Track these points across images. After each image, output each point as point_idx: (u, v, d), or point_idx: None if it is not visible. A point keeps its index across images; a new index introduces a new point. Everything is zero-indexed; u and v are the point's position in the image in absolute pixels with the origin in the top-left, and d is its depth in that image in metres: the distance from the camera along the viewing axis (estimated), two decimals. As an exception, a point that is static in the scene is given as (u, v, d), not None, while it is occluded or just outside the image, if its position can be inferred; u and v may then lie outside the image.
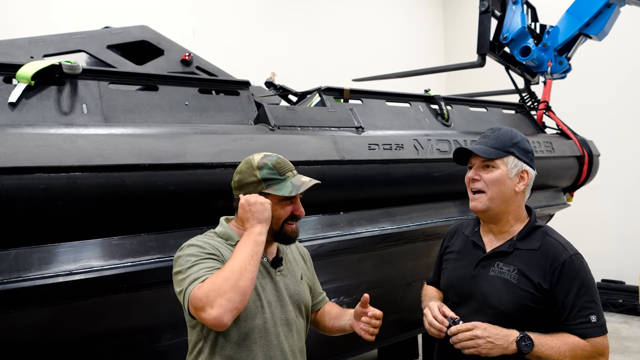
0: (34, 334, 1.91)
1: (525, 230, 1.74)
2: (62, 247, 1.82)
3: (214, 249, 1.58)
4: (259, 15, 6.45)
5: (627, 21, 4.82)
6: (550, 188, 3.93)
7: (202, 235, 1.68)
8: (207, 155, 2.06)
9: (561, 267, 1.63)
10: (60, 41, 3.06)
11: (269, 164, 1.66)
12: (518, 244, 1.72)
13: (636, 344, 5.50)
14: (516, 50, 4.10)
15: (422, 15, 9.08)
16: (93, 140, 1.84)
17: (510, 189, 1.73)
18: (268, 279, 1.68)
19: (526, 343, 1.57)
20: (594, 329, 1.60)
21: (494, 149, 1.74)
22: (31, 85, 1.93)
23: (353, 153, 2.53)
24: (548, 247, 1.69)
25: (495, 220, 1.77)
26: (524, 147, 1.77)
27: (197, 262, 1.52)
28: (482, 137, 1.82)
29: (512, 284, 1.66)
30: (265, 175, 1.65)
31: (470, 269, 1.78)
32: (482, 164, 1.75)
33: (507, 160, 1.73)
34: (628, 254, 6.96)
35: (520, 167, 1.74)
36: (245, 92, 2.57)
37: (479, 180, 1.75)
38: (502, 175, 1.72)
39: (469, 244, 1.84)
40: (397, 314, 3.32)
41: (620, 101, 7.13)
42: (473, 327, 1.61)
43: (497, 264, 1.72)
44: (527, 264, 1.68)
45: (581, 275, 1.63)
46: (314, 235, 2.45)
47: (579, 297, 1.61)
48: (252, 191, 1.65)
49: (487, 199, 1.73)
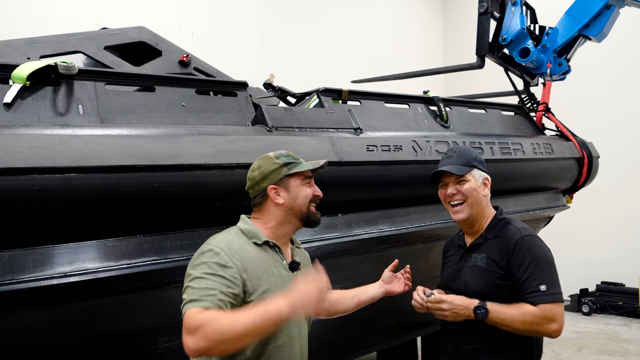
0: (28, 336, 1.89)
1: (492, 224, 2.07)
2: (57, 249, 1.81)
3: (232, 259, 1.57)
4: (258, 17, 6.45)
5: (625, 22, 4.81)
6: (549, 190, 3.91)
7: (227, 233, 1.70)
8: (203, 156, 2.05)
9: (514, 246, 1.93)
10: (58, 42, 3.05)
11: (283, 153, 1.80)
12: (487, 235, 2.05)
13: (636, 346, 5.49)
14: (515, 51, 4.09)
15: (421, 16, 9.08)
16: (88, 141, 1.83)
17: (481, 195, 2.06)
18: (287, 282, 1.69)
19: (481, 311, 1.87)
20: (542, 297, 1.85)
21: (463, 166, 2.06)
22: (26, 85, 1.91)
23: (351, 154, 2.52)
24: (507, 232, 2.00)
25: (473, 224, 2.08)
26: (480, 159, 2.12)
27: (207, 276, 1.52)
28: (446, 158, 2.12)
29: (483, 268, 1.98)
30: (284, 160, 1.77)
31: (457, 264, 2.11)
32: (456, 180, 2.06)
33: (473, 173, 2.06)
34: (628, 256, 6.95)
35: (483, 176, 2.08)
36: (242, 93, 2.56)
37: (456, 194, 2.05)
38: (473, 184, 2.05)
39: (457, 247, 2.18)
40: (396, 317, 3.30)
41: (620, 103, 7.13)
42: (440, 300, 1.95)
43: (473, 255, 2.05)
44: (493, 250, 1.99)
45: (531, 252, 1.91)
46: (311, 237, 2.44)
47: (529, 270, 1.88)
48: (277, 177, 1.74)
49: (468, 206, 2.04)
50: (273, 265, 1.69)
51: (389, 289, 2.09)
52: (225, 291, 1.51)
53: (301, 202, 1.76)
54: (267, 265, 1.67)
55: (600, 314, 6.81)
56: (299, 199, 1.76)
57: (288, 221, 1.77)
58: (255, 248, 1.68)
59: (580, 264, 7.09)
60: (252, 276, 1.61)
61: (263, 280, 1.62)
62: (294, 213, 1.76)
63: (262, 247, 1.70)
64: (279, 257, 1.74)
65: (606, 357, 5.13)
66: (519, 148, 3.45)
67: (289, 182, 1.76)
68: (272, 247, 1.73)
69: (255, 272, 1.62)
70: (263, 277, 1.63)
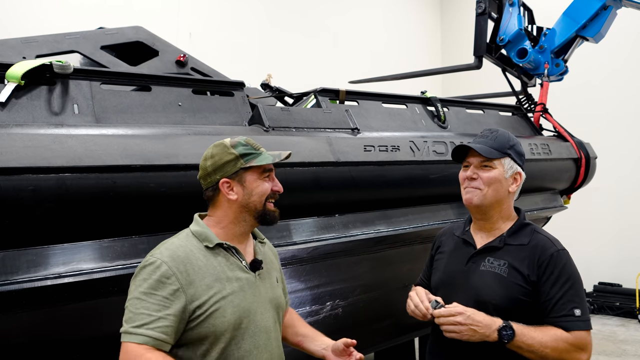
0: (22, 338, 1.87)
1: (515, 227, 1.80)
2: (51, 249, 1.79)
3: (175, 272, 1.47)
4: (256, 17, 6.44)
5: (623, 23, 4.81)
6: (547, 190, 3.91)
7: (176, 238, 1.60)
8: (200, 156, 2.01)
9: (548, 260, 1.68)
10: (54, 41, 3.03)
11: (241, 142, 1.64)
12: (508, 240, 1.77)
13: (633, 347, 5.49)
14: (513, 52, 4.09)
15: (418, 17, 9.09)
16: (83, 140, 1.81)
17: (504, 189, 1.79)
18: (247, 285, 1.59)
19: (507, 332, 1.59)
20: (577, 323, 1.62)
21: (494, 149, 1.79)
22: (21, 85, 1.90)
23: (348, 154, 2.51)
24: (537, 242, 1.74)
25: (486, 217, 1.82)
26: (519, 150, 1.84)
27: (144, 297, 1.44)
28: (479, 136, 1.86)
29: (503, 277, 1.70)
30: (241, 150, 1.61)
31: (461, 266, 1.82)
32: (480, 164, 1.79)
33: (504, 162, 1.79)
34: (625, 256, 6.96)
35: (515, 169, 1.81)
36: (239, 93, 2.55)
37: (476, 179, 1.79)
38: (499, 174, 1.78)
39: (460, 243, 1.89)
40: (393, 318, 3.29)
41: (618, 104, 7.14)
42: (457, 313, 1.63)
43: (488, 259, 1.76)
44: (516, 258, 1.72)
45: (567, 270, 1.68)
46: (308, 237, 2.43)
47: (564, 290, 1.65)
48: (231, 170, 1.60)
49: (482, 195, 1.77)
50: (228, 269, 1.57)
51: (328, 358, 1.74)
52: (163, 314, 1.43)
53: (256, 198, 1.61)
54: (220, 271, 1.55)
55: (597, 315, 6.81)
56: (254, 195, 1.60)
57: (242, 219, 1.63)
58: (206, 253, 1.56)
59: (577, 264, 7.00)
60: (201, 287, 1.50)
61: (214, 290, 1.51)
62: (248, 210, 1.62)
63: (214, 250, 1.57)
64: (236, 259, 1.61)
65: (603, 357, 5.13)
66: (516, 148, 3.44)
67: (245, 175, 1.61)
68: (227, 250, 1.60)
69: (205, 282, 1.51)
70: (214, 286, 1.52)
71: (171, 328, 1.44)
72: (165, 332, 1.42)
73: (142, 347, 1.40)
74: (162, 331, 1.42)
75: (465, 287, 1.76)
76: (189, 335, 1.50)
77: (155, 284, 1.45)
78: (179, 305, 1.45)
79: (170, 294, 1.45)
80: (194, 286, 1.49)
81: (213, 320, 1.50)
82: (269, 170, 1.66)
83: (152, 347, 1.41)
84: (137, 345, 1.40)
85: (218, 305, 1.51)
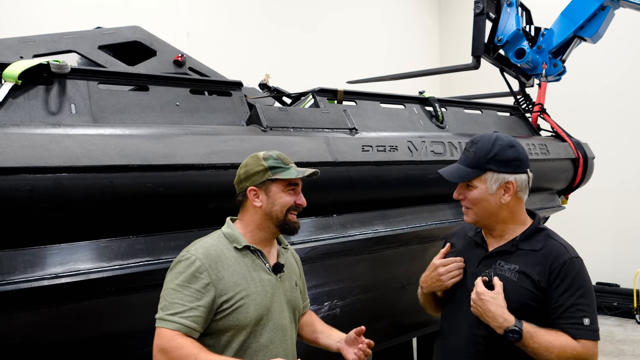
0: (19, 338, 1.87)
1: (529, 232, 1.75)
2: (48, 249, 1.78)
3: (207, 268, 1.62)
4: (254, 17, 6.44)
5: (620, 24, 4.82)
6: (545, 190, 3.91)
7: (209, 238, 1.74)
8: (197, 156, 2.03)
9: (561, 267, 1.65)
10: (51, 41, 3.02)
11: (273, 156, 1.77)
12: (520, 244, 1.73)
13: (631, 347, 5.50)
14: (511, 52, 4.10)
15: (417, 17, 9.09)
16: (80, 140, 1.81)
17: (494, 203, 1.72)
18: (268, 286, 1.72)
19: (513, 336, 1.58)
20: (586, 332, 1.60)
21: (470, 169, 1.73)
22: (18, 84, 1.89)
23: (346, 155, 2.51)
24: (550, 248, 1.70)
25: (489, 229, 1.80)
26: (503, 158, 1.72)
27: (179, 289, 1.59)
28: (463, 151, 1.82)
29: (513, 282, 1.68)
30: (271, 164, 1.75)
31: (472, 267, 1.79)
32: (464, 183, 1.76)
33: (485, 178, 1.71)
34: (623, 256, 6.97)
35: (502, 180, 1.71)
36: (237, 93, 2.54)
37: (464, 199, 1.78)
38: (481, 193, 1.72)
39: (472, 244, 1.86)
40: (391, 318, 3.29)
41: (615, 104, 7.15)
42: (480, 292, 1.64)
43: (499, 262, 1.74)
44: (528, 264, 1.69)
45: (580, 277, 1.65)
46: (306, 237, 2.43)
47: (575, 297, 1.62)
48: (259, 180, 1.74)
49: (473, 214, 1.76)
50: (253, 269, 1.71)
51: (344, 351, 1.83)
52: (195, 305, 1.57)
53: (278, 209, 1.74)
54: (246, 271, 1.69)
55: (595, 315, 6.81)
56: (277, 205, 1.74)
57: (266, 225, 1.76)
58: (235, 253, 1.70)
59: (575, 264, 7.08)
60: (229, 283, 1.64)
61: (241, 287, 1.65)
62: (271, 219, 1.75)
63: (242, 251, 1.72)
64: (261, 262, 1.75)
65: (601, 357, 5.14)
66: (514, 149, 3.44)
67: (271, 186, 1.75)
68: (254, 252, 1.74)
69: (233, 279, 1.65)
70: (241, 284, 1.66)
71: (201, 318, 1.58)
72: (195, 321, 1.57)
73: (175, 333, 1.54)
74: (193, 320, 1.56)
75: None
76: (215, 326, 1.64)
77: (189, 277, 1.60)
78: (209, 298, 1.60)
79: (202, 287, 1.60)
80: (223, 282, 1.63)
81: (237, 315, 1.64)
82: (294, 184, 1.78)
83: (183, 334, 1.55)
84: (170, 331, 1.54)
85: (243, 302, 1.64)
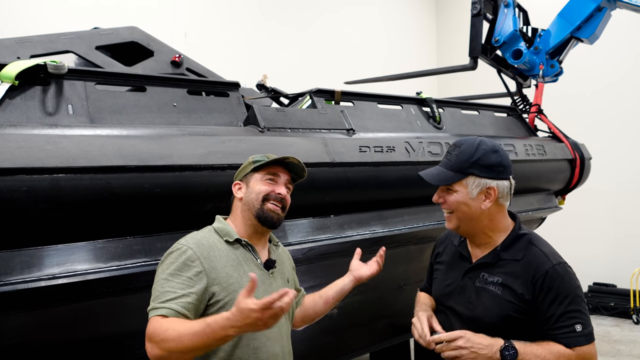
0: (16, 339, 1.86)
1: (509, 240, 1.72)
2: (45, 250, 1.78)
3: (199, 257, 1.60)
4: (252, 18, 6.43)
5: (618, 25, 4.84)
6: (542, 191, 3.92)
7: (200, 232, 1.73)
8: (194, 157, 2.03)
9: (544, 278, 1.61)
10: (48, 41, 3.02)
11: (262, 155, 1.82)
12: (502, 254, 1.70)
13: (627, 347, 5.51)
14: (508, 53, 4.10)
15: (414, 18, 9.10)
16: (77, 141, 1.80)
17: (475, 208, 1.68)
18: (260, 281, 1.69)
19: (510, 352, 1.56)
20: (579, 338, 1.58)
21: (452, 172, 1.70)
22: (15, 85, 1.89)
23: (344, 155, 2.51)
24: (531, 258, 1.66)
25: (471, 235, 1.77)
26: (486, 163, 1.68)
27: (170, 277, 1.56)
28: (445, 154, 1.78)
29: (497, 295, 1.66)
30: (256, 159, 1.80)
31: (458, 280, 1.78)
32: (445, 187, 1.72)
33: (466, 182, 1.68)
34: (619, 257, 6.99)
35: (484, 185, 1.67)
36: (234, 93, 2.54)
37: (443, 203, 1.74)
38: (462, 197, 1.69)
39: (457, 255, 1.84)
40: (388, 318, 3.30)
41: (612, 105, 7.17)
42: (456, 337, 1.61)
43: (482, 274, 1.71)
44: (510, 275, 1.66)
45: (565, 284, 1.61)
46: (304, 238, 2.43)
47: (563, 306, 1.59)
48: (243, 174, 1.80)
49: (454, 218, 1.73)
50: (245, 263, 1.70)
51: (357, 275, 1.97)
52: (187, 292, 1.54)
53: (254, 197, 1.74)
54: (238, 264, 1.68)
55: (592, 315, 6.83)
56: (253, 193, 1.75)
57: (248, 218, 1.75)
58: (226, 246, 1.69)
59: (572, 265, 7.06)
60: (222, 274, 1.62)
61: (233, 279, 1.63)
62: (249, 209, 1.75)
63: (233, 245, 1.71)
64: (252, 256, 1.74)
65: (598, 358, 5.14)
66: (511, 149, 3.45)
67: (251, 178, 1.78)
68: (245, 246, 1.74)
69: (225, 270, 1.63)
70: (233, 275, 1.64)
71: (192, 305, 1.54)
72: (186, 308, 1.52)
73: (163, 318, 1.49)
74: (183, 306, 1.51)
75: (462, 303, 1.74)
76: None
77: (181, 266, 1.58)
78: (201, 286, 1.57)
79: (194, 274, 1.57)
80: (216, 271, 1.61)
81: (230, 308, 1.52)
82: (274, 174, 1.78)
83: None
84: (160, 317, 1.49)
85: (236, 294, 1.57)
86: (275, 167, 1.79)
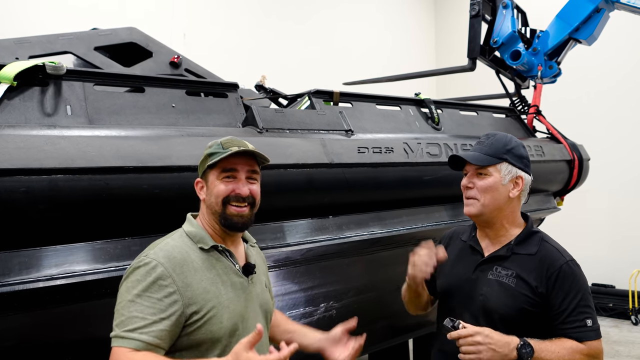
0: (14, 340, 1.86)
1: (523, 236, 1.78)
2: (43, 251, 1.77)
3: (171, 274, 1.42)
4: (250, 19, 6.44)
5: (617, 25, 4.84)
6: (540, 192, 3.92)
7: (169, 239, 1.54)
8: (193, 157, 2.02)
9: (558, 272, 1.67)
10: (47, 42, 3.02)
11: (218, 142, 1.59)
12: (516, 249, 1.76)
13: (626, 347, 5.51)
14: (506, 54, 4.11)
15: (413, 18, 9.11)
16: (76, 142, 1.80)
17: (503, 195, 1.75)
18: (240, 290, 1.57)
19: (527, 350, 1.58)
20: (590, 333, 1.64)
21: (487, 156, 1.77)
22: (13, 85, 1.89)
23: (342, 156, 2.51)
24: (545, 253, 1.73)
25: (490, 225, 1.81)
26: (518, 153, 1.79)
27: (138, 300, 1.37)
28: (477, 143, 1.85)
29: (511, 287, 1.70)
30: (211, 150, 1.58)
31: (469, 273, 1.81)
32: (476, 171, 1.78)
33: (500, 167, 1.75)
34: (618, 257, 6.99)
35: (515, 173, 1.76)
36: (233, 94, 2.55)
37: (472, 188, 1.78)
38: (494, 182, 1.75)
39: (467, 249, 1.87)
40: (387, 319, 3.29)
41: (611, 106, 7.18)
42: (475, 332, 1.59)
43: (496, 267, 1.75)
44: (524, 268, 1.71)
45: (577, 281, 1.68)
46: (302, 239, 2.42)
47: (575, 301, 1.65)
48: (201, 170, 1.61)
49: (480, 204, 1.76)
50: (223, 273, 1.54)
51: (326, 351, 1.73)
52: (158, 318, 1.36)
53: (214, 200, 1.55)
54: (216, 275, 1.52)
55: (591, 316, 6.83)
56: (212, 196, 1.55)
57: (214, 222, 1.57)
58: (201, 255, 1.52)
59: (571, 266, 7.10)
60: (198, 291, 1.45)
61: (211, 294, 1.47)
62: (212, 212, 1.57)
63: (209, 252, 1.54)
64: (230, 263, 1.58)
65: (597, 358, 5.15)
66: (510, 150, 3.45)
67: (209, 175, 1.58)
68: (222, 252, 1.57)
69: (202, 285, 1.46)
70: (211, 290, 1.48)
71: (166, 332, 1.37)
72: (159, 337, 1.36)
73: (132, 352, 1.33)
74: (155, 335, 1.35)
75: (473, 296, 1.75)
76: (185, 341, 1.44)
77: (149, 285, 1.38)
78: (175, 308, 1.39)
79: (165, 296, 1.39)
80: (191, 289, 1.44)
81: (210, 327, 1.45)
82: (232, 169, 1.56)
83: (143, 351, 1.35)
84: (127, 350, 1.33)
85: (215, 311, 1.46)
86: (231, 160, 1.55)
